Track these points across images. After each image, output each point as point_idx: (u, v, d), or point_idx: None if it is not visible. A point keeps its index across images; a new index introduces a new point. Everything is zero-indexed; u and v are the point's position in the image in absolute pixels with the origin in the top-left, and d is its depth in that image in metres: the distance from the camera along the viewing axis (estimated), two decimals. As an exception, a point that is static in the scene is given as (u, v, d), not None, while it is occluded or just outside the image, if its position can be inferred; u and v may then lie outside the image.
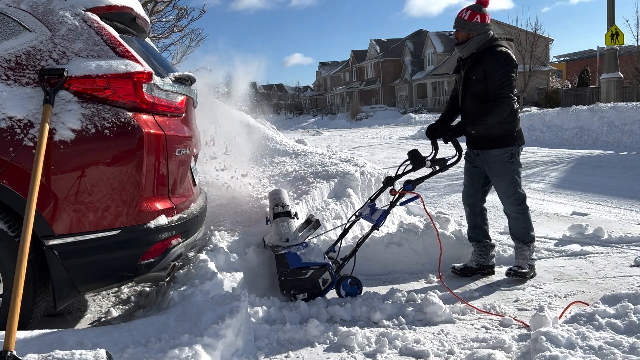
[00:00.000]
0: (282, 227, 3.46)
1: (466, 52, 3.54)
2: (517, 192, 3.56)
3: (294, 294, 3.22)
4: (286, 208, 3.55)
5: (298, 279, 3.21)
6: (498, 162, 3.54)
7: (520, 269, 3.55)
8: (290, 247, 3.33)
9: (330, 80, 70.77)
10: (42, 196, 2.37)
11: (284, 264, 3.23)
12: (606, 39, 15.30)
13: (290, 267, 3.22)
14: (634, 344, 2.22)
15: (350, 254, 3.44)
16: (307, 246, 3.37)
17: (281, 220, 3.49)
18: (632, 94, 24.69)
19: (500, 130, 3.51)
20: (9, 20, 2.60)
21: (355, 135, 25.15)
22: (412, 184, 3.46)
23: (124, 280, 2.67)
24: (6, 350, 1.95)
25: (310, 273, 3.21)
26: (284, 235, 3.43)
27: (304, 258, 3.26)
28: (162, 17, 14.69)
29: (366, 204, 3.62)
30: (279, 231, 3.46)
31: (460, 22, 3.53)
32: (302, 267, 3.21)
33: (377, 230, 3.49)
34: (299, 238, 3.44)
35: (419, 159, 3.51)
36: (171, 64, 3.47)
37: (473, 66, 3.49)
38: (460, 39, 3.54)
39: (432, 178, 3.75)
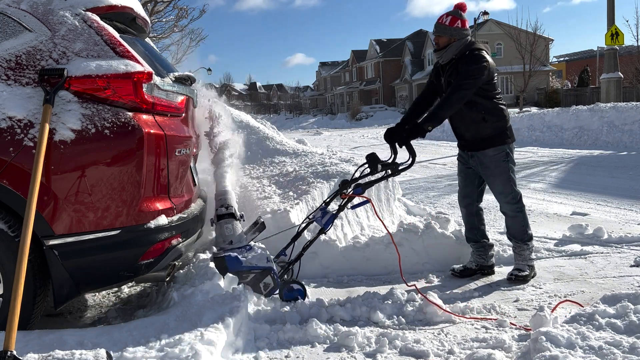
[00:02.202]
0: (227, 229, 3.35)
1: (446, 58, 3.55)
2: (513, 191, 3.56)
3: None
4: (230, 209, 3.43)
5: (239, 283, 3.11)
6: (494, 161, 3.54)
7: (520, 272, 3.55)
8: (232, 250, 3.22)
9: (330, 80, 70.78)
10: (42, 196, 2.37)
11: (223, 267, 3.11)
12: (606, 39, 15.30)
13: (230, 270, 3.11)
14: (634, 344, 2.22)
15: (296, 258, 3.35)
16: (250, 249, 3.25)
17: (225, 222, 3.37)
18: (632, 94, 24.69)
19: (490, 129, 3.52)
20: (9, 20, 2.60)
21: (355, 135, 25.15)
22: (361, 187, 3.38)
23: (124, 280, 2.68)
24: (6, 350, 1.95)
25: (252, 277, 3.12)
26: (227, 238, 3.33)
27: (246, 262, 3.14)
28: (162, 17, 14.69)
29: (320, 207, 3.52)
30: (222, 233, 3.35)
31: (441, 28, 3.54)
32: (242, 270, 3.11)
33: (324, 234, 3.41)
34: (243, 240, 3.33)
35: (376, 162, 3.44)
36: (171, 64, 3.47)
37: (452, 72, 3.50)
38: (441, 44, 3.55)
39: (432, 178, 3.77)
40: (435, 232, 4.04)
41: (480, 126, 3.51)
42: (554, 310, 2.80)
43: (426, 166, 10.33)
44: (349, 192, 3.38)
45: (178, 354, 2.11)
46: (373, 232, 4.50)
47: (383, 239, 4.02)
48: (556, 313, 2.80)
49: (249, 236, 3.40)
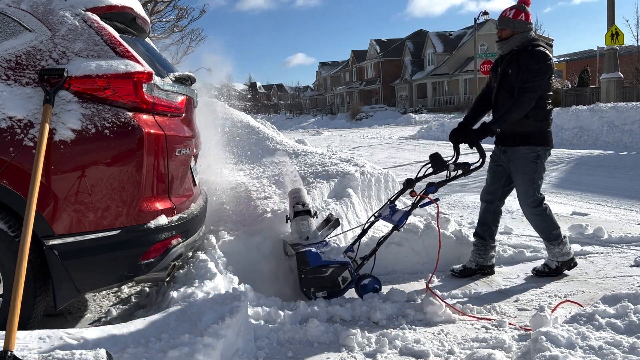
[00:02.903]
0: (302, 225, 3.48)
1: (507, 49, 3.58)
2: (535, 195, 3.55)
3: (314, 292, 3.22)
4: (306, 207, 3.56)
5: (318, 277, 3.21)
6: (523, 160, 3.54)
7: (546, 267, 3.62)
8: (310, 245, 3.34)
9: (330, 80, 70.78)
10: (42, 196, 2.37)
11: (304, 262, 3.23)
12: (606, 39, 15.30)
13: (311, 265, 3.22)
14: (634, 344, 2.22)
15: (370, 254, 3.45)
16: (326, 245, 3.39)
17: (301, 219, 3.50)
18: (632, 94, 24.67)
19: (530, 128, 3.52)
20: (9, 20, 2.60)
21: (355, 135, 25.15)
22: (434, 187, 3.45)
23: (124, 280, 2.68)
24: (6, 350, 1.95)
25: (330, 271, 3.22)
26: (303, 234, 3.45)
27: (324, 256, 3.26)
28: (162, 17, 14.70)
29: (386, 205, 3.64)
30: (299, 229, 3.48)
31: (504, 20, 3.58)
32: (322, 265, 3.22)
33: (397, 230, 3.50)
34: (318, 237, 3.46)
35: (440, 162, 3.51)
36: (171, 64, 3.47)
37: (511, 62, 3.53)
38: (504, 36, 3.59)
39: (432, 178, 3.74)
40: (435, 232, 4.04)
41: (521, 122, 3.50)
42: (554, 311, 2.80)
43: (426, 166, 10.31)
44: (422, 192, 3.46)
45: (178, 354, 2.11)
46: (373, 232, 4.50)
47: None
48: (556, 313, 2.81)
49: (323, 232, 3.51)
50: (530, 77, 3.39)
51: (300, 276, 3.23)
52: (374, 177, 5.12)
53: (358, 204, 4.71)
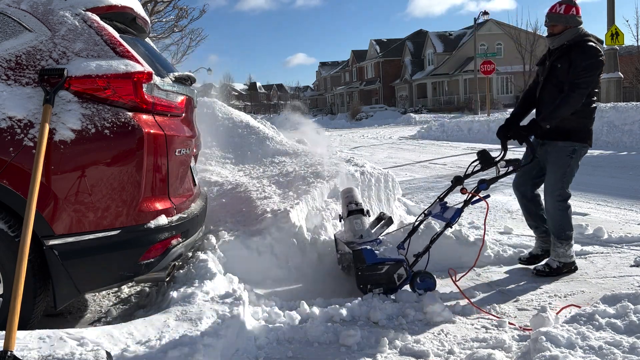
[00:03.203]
0: (356, 224, 3.54)
1: (558, 43, 3.60)
2: (562, 189, 3.58)
3: (370, 289, 3.26)
4: (359, 206, 3.63)
5: (374, 274, 3.26)
6: (559, 152, 3.57)
7: (547, 266, 3.64)
8: (365, 244, 3.39)
9: (330, 80, 70.80)
10: (42, 196, 2.37)
11: (361, 260, 3.28)
12: (606, 39, 15.30)
13: (367, 262, 3.26)
14: (634, 344, 2.23)
15: (424, 251, 3.49)
16: (380, 242, 3.46)
17: (355, 218, 3.56)
18: (632, 94, 24.68)
19: (573, 123, 3.54)
20: (9, 20, 2.60)
21: (355, 135, 25.15)
22: (486, 184, 3.49)
23: (124, 280, 2.68)
24: (6, 350, 1.95)
25: (386, 268, 3.27)
26: (357, 232, 3.51)
27: (380, 254, 3.32)
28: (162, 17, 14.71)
29: (435, 202, 3.69)
30: (352, 228, 3.54)
31: (555, 17, 3.60)
32: (378, 262, 3.27)
33: (450, 227, 3.54)
34: (372, 235, 3.51)
35: (488, 159, 3.57)
36: (171, 64, 3.47)
37: (561, 56, 3.55)
38: (556, 31, 3.61)
39: (432, 178, 3.78)
40: (435, 232, 4.04)
41: (565, 117, 3.51)
42: (558, 313, 2.80)
43: (426, 166, 10.33)
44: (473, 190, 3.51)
45: (178, 354, 2.11)
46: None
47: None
48: (556, 313, 2.80)
49: (377, 230, 3.55)
50: (582, 74, 3.41)
51: (357, 273, 3.27)
52: (374, 177, 5.11)
53: (358, 204, 4.70)
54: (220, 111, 6.87)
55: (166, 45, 16.99)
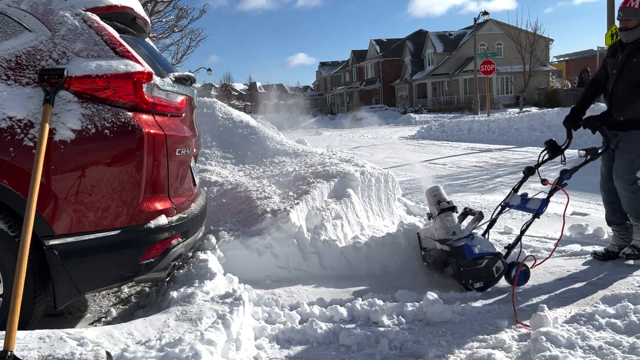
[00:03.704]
0: (448, 221, 3.65)
1: (631, 38, 3.65)
2: (632, 173, 3.67)
3: (472, 283, 3.38)
4: (450, 203, 3.74)
5: (475, 269, 3.36)
6: (631, 141, 3.66)
7: (634, 249, 3.71)
8: (460, 240, 3.49)
9: (330, 80, 70.80)
10: (42, 196, 2.37)
11: (462, 256, 3.39)
12: (606, 39, 15.32)
13: (468, 258, 3.37)
14: (634, 344, 2.23)
15: (515, 242, 3.58)
16: (473, 238, 3.53)
17: (446, 215, 3.67)
18: (632, 94, 24.58)
19: None
20: (9, 20, 2.60)
21: (355, 135, 25.15)
22: (569, 173, 3.62)
23: (124, 280, 2.68)
24: (6, 350, 1.95)
25: (486, 262, 3.36)
26: (450, 229, 3.61)
27: (477, 249, 3.42)
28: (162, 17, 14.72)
29: (510, 194, 3.80)
30: (444, 225, 3.64)
31: (630, 11, 3.65)
32: (478, 257, 3.37)
33: (538, 218, 3.60)
34: (465, 231, 3.61)
35: (555, 149, 3.82)
36: (171, 64, 3.47)
37: (635, 50, 3.60)
38: (631, 26, 3.65)
39: (432, 178, 3.79)
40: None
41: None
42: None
43: (426, 166, 10.33)
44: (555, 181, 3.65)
45: (178, 354, 2.11)
46: (373, 232, 4.50)
47: (383, 239, 4.02)
48: (556, 313, 2.80)
49: (469, 226, 3.65)
50: None
51: (459, 269, 3.39)
52: (374, 177, 5.12)
53: (358, 204, 4.71)
54: (220, 111, 6.87)
55: (166, 45, 17.01)
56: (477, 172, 8.74)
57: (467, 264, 3.36)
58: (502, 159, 10.98)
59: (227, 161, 5.99)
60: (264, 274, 3.75)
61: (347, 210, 4.50)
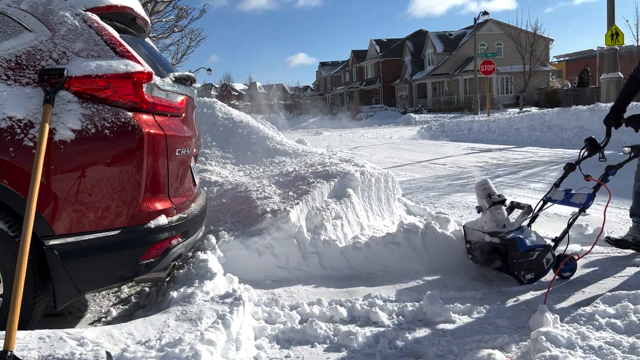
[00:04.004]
0: (498, 214, 3.72)
1: None
2: None
3: (524, 275, 3.46)
4: (502, 197, 3.80)
5: (526, 261, 3.44)
6: None
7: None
8: (511, 232, 3.54)
9: (330, 80, 70.81)
10: (42, 196, 2.37)
11: (514, 248, 3.45)
12: (606, 39, 15.32)
13: (520, 250, 3.43)
14: (634, 344, 2.23)
15: (562, 235, 3.65)
16: (523, 231, 3.59)
17: (496, 208, 3.73)
18: (632, 94, 24.57)
19: None
20: (9, 20, 2.60)
21: (355, 135, 25.15)
22: (614, 169, 3.71)
23: (124, 280, 2.68)
24: (6, 350, 1.95)
25: (537, 254, 3.45)
26: (500, 222, 3.68)
27: (529, 241, 3.48)
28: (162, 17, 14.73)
29: (552, 189, 3.95)
30: (495, 218, 3.71)
31: None
32: (529, 249, 3.45)
33: (584, 213, 3.68)
34: (514, 224, 3.67)
35: (595, 146, 3.94)
36: (171, 64, 3.47)
37: None
38: None
39: (432, 178, 3.80)
40: (435, 232, 4.05)
41: None
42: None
43: (426, 166, 10.33)
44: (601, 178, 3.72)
45: (178, 354, 2.11)
46: (373, 232, 4.50)
47: (383, 239, 4.02)
48: (556, 313, 2.80)
49: (518, 219, 3.72)
50: None
51: (512, 261, 3.44)
52: (374, 177, 5.11)
53: (358, 204, 4.71)
54: (220, 111, 6.87)
55: (166, 45, 17.02)
56: (477, 172, 8.75)
57: (520, 256, 3.42)
58: (502, 159, 10.98)
59: (227, 161, 5.99)
60: (264, 274, 3.75)
61: (347, 210, 4.50)
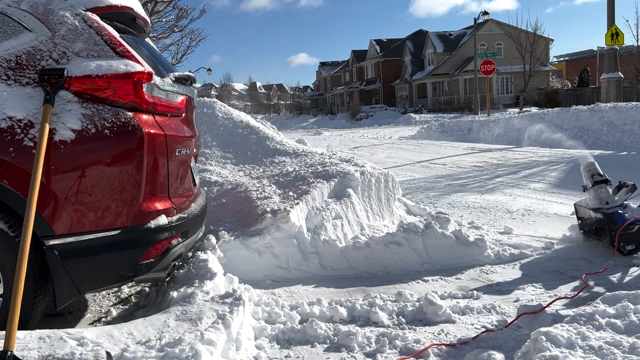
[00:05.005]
0: (601, 192, 4.03)
1: None
2: None
3: (623, 246, 3.73)
4: (604, 176, 4.10)
5: (627, 234, 3.72)
6: None
7: None
8: (612, 208, 3.85)
9: (330, 80, 70.79)
10: (42, 196, 2.37)
11: (613, 222, 3.78)
12: (606, 39, 15.31)
13: (619, 223, 3.74)
14: (634, 344, 2.22)
15: None
16: (626, 207, 3.89)
17: (599, 187, 4.05)
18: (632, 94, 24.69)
19: None
20: (9, 20, 2.60)
21: (355, 135, 25.15)
22: None
23: (124, 280, 2.68)
24: (6, 350, 1.95)
25: (637, 227, 3.73)
26: (603, 199, 3.99)
27: (629, 216, 3.78)
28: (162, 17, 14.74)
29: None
30: (598, 196, 4.03)
31: None
32: (629, 223, 3.73)
33: None
34: (617, 201, 3.96)
35: None
36: (171, 64, 3.47)
37: None
38: None
39: (432, 178, 3.81)
40: (435, 232, 4.05)
41: None
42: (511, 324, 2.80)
43: (426, 166, 10.33)
44: None
45: (178, 354, 2.11)
46: (373, 232, 4.50)
47: (383, 239, 4.02)
48: (556, 313, 2.80)
49: (621, 196, 3.99)
50: None
51: (611, 233, 3.76)
52: (374, 177, 5.12)
53: (358, 204, 4.71)
54: (220, 111, 6.87)
55: (166, 45, 17.02)
56: (477, 172, 8.74)
57: (618, 229, 3.67)
58: (502, 159, 10.98)
59: (227, 161, 5.99)
60: (264, 274, 3.75)
61: (347, 210, 4.50)
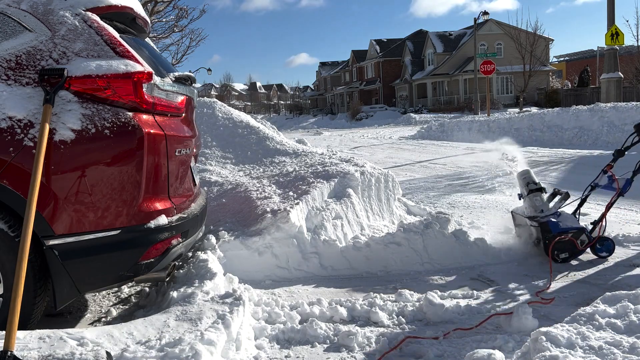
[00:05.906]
0: (536, 200, 4.07)
1: None
2: None
3: (557, 254, 3.76)
4: (538, 185, 4.13)
5: (560, 242, 3.75)
6: None
7: None
8: (547, 217, 3.87)
9: (330, 80, 70.79)
10: (42, 196, 2.37)
11: (547, 230, 3.80)
12: (606, 39, 15.31)
13: (553, 232, 3.77)
14: (634, 344, 2.22)
15: (600, 218, 3.94)
16: (560, 215, 3.92)
17: (534, 195, 4.08)
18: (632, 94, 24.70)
19: None
20: (9, 20, 2.60)
21: (355, 135, 25.15)
22: None
23: (124, 280, 2.68)
24: (6, 350, 1.95)
25: (570, 236, 3.77)
26: (538, 208, 4.02)
27: (563, 224, 3.82)
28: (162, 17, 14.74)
29: (600, 174, 4.19)
30: (533, 204, 4.06)
31: None
32: (562, 231, 3.77)
33: (622, 196, 4.01)
34: (552, 209, 4.00)
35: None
36: (171, 64, 3.47)
37: None
38: None
39: (432, 178, 3.84)
40: (435, 232, 4.05)
41: None
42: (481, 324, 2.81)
43: (426, 166, 10.33)
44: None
45: (178, 354, 2.11)
46: (373, 232, 4.50)
47: (383, 239, 4.02)
48: (556, 313, 2.80)
49: (555, 205, 4.03)
50: None
51: (545, 242, 3.79)
52: (374, 177, 5.12)
53: (358, 204, 4.71)
54: (220, 111, 6.87)
55: (166, 45, 17.02)
56: (477, 172, 8.75)
57: (552, 238, 3.71)
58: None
59: (227, 161, 5.99)
60: (264, 274, 3.75)
61: (347, 210, 4.50)
